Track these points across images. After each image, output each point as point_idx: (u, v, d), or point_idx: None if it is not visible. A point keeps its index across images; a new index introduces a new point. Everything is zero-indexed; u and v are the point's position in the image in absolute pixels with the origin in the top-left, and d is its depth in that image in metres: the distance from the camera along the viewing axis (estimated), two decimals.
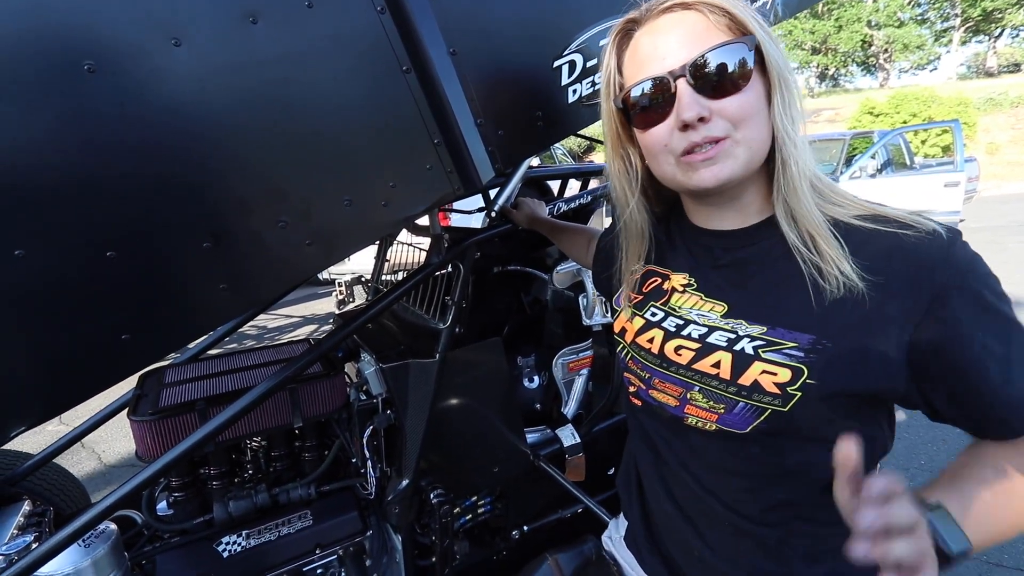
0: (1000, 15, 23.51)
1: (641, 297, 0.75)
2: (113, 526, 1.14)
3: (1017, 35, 26.73)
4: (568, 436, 1.72)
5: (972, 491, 0.53)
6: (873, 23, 25.77)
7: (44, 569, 0.94)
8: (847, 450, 0.43)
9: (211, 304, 0.69)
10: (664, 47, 0.59)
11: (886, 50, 26.25)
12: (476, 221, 3.38)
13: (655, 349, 0.69)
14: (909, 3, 26.34)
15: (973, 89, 16.80)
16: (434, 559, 1.49)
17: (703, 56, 0.56)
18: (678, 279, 0.71)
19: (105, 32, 0.59)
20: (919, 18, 26.86)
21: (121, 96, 0.59)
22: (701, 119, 0.57)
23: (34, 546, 1.06)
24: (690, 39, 0.57)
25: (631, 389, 0.75)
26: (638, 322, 0.73)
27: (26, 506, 1.31)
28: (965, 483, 0.54)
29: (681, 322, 0.67)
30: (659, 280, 0.73)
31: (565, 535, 1.78)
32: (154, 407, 1.22)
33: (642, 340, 0.71)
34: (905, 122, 13.96)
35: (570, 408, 1.87)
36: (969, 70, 29.73)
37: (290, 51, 0.69)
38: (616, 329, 0.77)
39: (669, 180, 0.65)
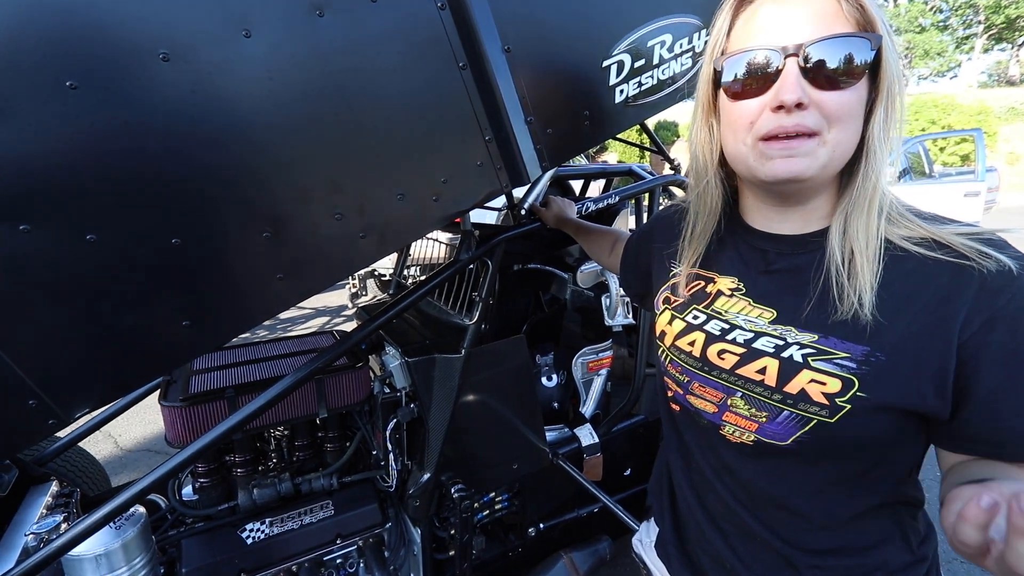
0: None
1: (682, 300, 0.72)
2: (142, 509, 1.15)
3: None
4: (587, 435, 1.72)
5: None
6: (893, 28, 25.42)
7: (75, 550, 0.95)
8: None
9: (267, 293, 0.70)
10: (787, 21, 0.55)
11: (906, 56, 25.90)
12: (490, 217, 3.38)
13: (696, 352, 0.66)
14: (931, 9, 25.99)
15: (994, 98, 16.56)
16: (451, 553, 1.50)
17: (824, 40, 0.53)
18: (725, 283, 0.68)
19: (181, 21, 0.60)
20: (940, 24, 26.50)
21: (192, 85, 0.60)
22: (799, 104, 0.54)
23: (63, 526, 1.08)
24: (815, 20, 0.54)
25: (668, 393, 0.74)
26: (678, 325, 0.70)
27: (54, 487, 1.32)
28: None
29: (726, 326, 0.64)
30: (702, 283, 0.71)
31: (580, 534, 1.79)
32: (184, 393, 1.23)
33: (682, 343, 0.68)
34: (924, 130, 13.77)
35: (588, 408, 1.87)
36: (990, 78, 29.25)
37: (353, 44, 0.70)
38: (656, 333, 0.76)
39: (739, 162, 0.61)
